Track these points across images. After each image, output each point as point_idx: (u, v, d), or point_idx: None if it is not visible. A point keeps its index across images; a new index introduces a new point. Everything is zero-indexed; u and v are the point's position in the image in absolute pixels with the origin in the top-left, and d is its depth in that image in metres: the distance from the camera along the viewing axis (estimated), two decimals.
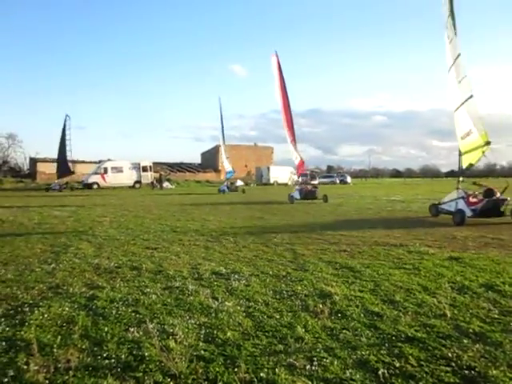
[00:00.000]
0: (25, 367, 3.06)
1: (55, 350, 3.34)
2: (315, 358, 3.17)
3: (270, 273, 5.93)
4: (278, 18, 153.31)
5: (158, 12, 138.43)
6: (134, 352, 3.32)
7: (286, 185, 54.80)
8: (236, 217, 14.18)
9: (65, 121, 42.63)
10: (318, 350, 3.35)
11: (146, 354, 3.27)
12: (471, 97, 11.61)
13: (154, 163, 52.94)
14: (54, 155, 46.32)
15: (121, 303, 4.57)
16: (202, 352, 3.31)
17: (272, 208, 18.43)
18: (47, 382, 2.86)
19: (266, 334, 3.70)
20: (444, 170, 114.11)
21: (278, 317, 4.11)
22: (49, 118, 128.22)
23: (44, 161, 58.23)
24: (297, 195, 22.31)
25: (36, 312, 4.25)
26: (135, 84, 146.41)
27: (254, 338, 3.61)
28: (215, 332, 3.73)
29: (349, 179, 68.06)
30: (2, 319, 4.10)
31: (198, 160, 78.61)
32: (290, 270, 6.14)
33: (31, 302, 4.66)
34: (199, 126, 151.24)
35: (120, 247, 8.12)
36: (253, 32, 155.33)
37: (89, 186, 44.69)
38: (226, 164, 37.67)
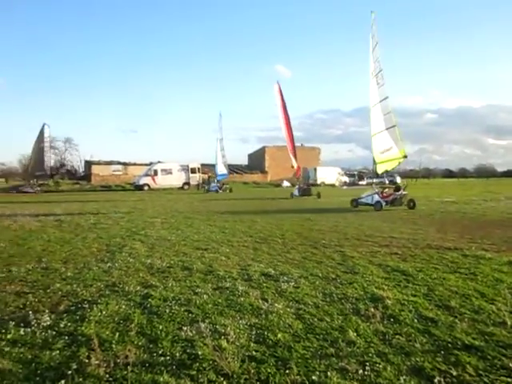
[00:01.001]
0: (86, 361, 3.23)
1: (114, 346, 3.51)
2: (368, 363, 3.14)
3: (320, 275, 5.91)
4: (321, 16, 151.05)
5: (201, 11, 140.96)
6: (188, 350, 3.42)
7: (333, 185, 54.06)
8: (283, 217, 14.20)
9: (42, 128, 44.94)
10: (370, 354, 3.31)
11: (200, 352, 3.36)
12: (394, 126, 16.62)
13: (202, 165, 53.87)
14: (108, 158, 48.27)
15: (173, 302, 4.71)
16: (254, 352, 3.36)
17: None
18: (107, 376, 3.01)
19: (317, 336, 3.69)
20: (500, 169, 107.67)
21: (328, 320, 4.10)
22: (102, 121, 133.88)
23: (98, 163, 60.79)
24: (296, 192, 29.19)
25: (95, 309, 4.47)
26: (180, 86, 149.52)
27: (305, 340, 3.62)
28: (266, 333, 3.77)
29: (398, 179, 65.79)
30: (64, 315, 4.35)
31: (244, 161, 79.25)
32: (340, 272, 6.08)
33: (90, 299, 4.90)
34: (244, 127, 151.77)
35: (171, 247, 8.35)
36: (297, 31, 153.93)
37: (140, 188, 46.15)
38: (221, 167, 41.88)
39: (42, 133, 44.76)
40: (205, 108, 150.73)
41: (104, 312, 4.37)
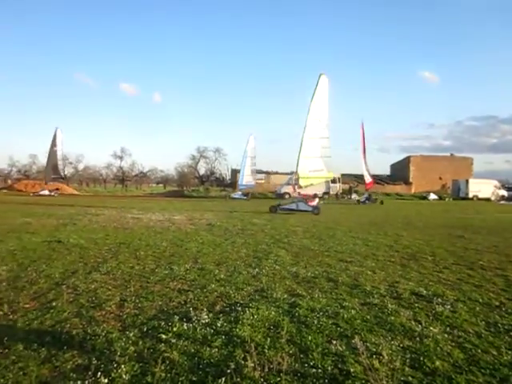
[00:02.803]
0: (243, 362, 3.40)
1: (266, 351, 3.64)
2: None
3: (480, 300, 5.35)
4: (473, 16, 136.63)
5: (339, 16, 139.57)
6: (339, 366, 3.38)
7: (488, 200, 48.70)
8: (432, 233, 13.24)
9: (55, 132, 45.73)
10: None
11: (351, 369, 3.29)
12: (329, 156, 22.89)
13: (343, 175, 53.29)
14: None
15: (321, 314, 4.71)
16: (410, 378, 3.18)
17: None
18: (262, 380, 3.13)
19: (482, 370, 3.34)
20: None
21: (494, 353, 3.68)
22: (244, 131, 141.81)
23: None
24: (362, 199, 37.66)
25: (247, 312, 4.69)
26: None
27: (468, 372, 3.30)
28: (421, 358, 3.53)
29: None
30: (220, 315, 4.66)
31: (385, 171, 76.35)
32: (504, 299, 5.43)
33: (241, 302, 5.17)
34: (384, 136, 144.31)
35: (315, 257, 8.39)
36: (442, 34, 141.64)
37: (281, 196, 47.46)
38: (248, 178, 43.36)
39: (54, 137, 46.14)
40: (342, 120, 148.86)
41: (255, 316, 4.56)
